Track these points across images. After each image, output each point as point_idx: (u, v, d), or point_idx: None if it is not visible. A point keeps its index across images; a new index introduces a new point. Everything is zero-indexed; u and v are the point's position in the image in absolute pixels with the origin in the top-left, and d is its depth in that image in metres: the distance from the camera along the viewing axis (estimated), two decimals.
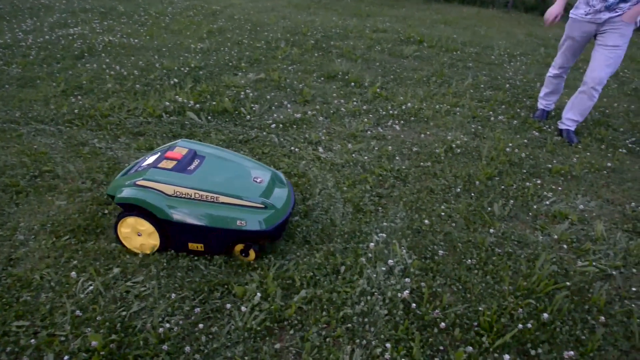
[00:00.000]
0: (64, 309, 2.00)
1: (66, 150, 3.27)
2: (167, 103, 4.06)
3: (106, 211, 2.65)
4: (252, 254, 2.33)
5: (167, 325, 1.96)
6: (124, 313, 2.01)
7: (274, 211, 2.31)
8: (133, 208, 2.28)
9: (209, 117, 3.95)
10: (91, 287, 2.12)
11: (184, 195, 2.24)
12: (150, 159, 2.43)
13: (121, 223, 2.32)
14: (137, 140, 3.49)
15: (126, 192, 2.27)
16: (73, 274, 2.18)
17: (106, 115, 3.81)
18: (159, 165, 2.32)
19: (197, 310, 2.04)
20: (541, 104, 4.59)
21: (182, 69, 5.06)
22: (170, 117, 3.88)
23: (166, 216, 2.24)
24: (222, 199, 2.25)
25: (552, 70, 4.32)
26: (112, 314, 2.00)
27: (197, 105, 4.10)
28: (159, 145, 3.35)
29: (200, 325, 1.96)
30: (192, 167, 2.35)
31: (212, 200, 2.25)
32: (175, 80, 4.69)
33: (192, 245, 2.34)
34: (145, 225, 2.29)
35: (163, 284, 2.18)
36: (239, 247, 2.33)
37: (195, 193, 2.24)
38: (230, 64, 5.43)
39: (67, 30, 6.35)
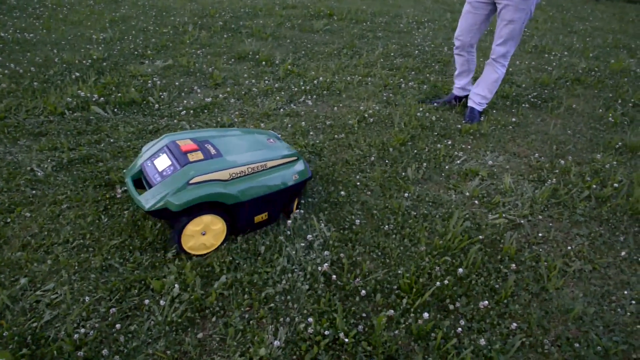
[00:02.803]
0: None
1: None
2: (70, 99, 3.84)
3: (8, 220, 2.49)
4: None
5: (83, 330, 1.87)
6: (34, 324, 1.90)
7: (302, 158, 2.54)
8: (191, 210, 2.16)
9: (116, 110, 3.78)
10: None
11: (239, 174, 2.25)
12: (163, 162, 2.27)
13: (184, 232, 2.19)
14: (38, 141, 3.28)
15: (188, 195, 2.10)
16: None
17: (2, 117, 3.55)
18: (191, 159, 2.21)
19: (114, 310, 1.96)
20: (454, 86, 4.19)
21: (84, 61, 4.80)
22: (74, 114, 3.68)
23: (236, 199, 2.22)
24: (270, 163, 2.35)
25: (454, 41, 3.94)
26: (22, 327, 1.89)
27: (102, 99, 3.90)
28: (62, 145, 3.18)
29: (118, 326, 1.89)
30: (214, 151, 2.31)
31: (263, 168, 2.33)
32: (77, 74, 4.45)
33: (258, 218, 2.37)
34: (209, 219, 2.22)
35: (76, 288, 2.08)
36: (296, 204, 2.52)
37: (247, 168, 2.27)
38: (136, 52, 5.21)
39: None
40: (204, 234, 2.24)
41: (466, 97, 4.11)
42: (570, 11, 9.41)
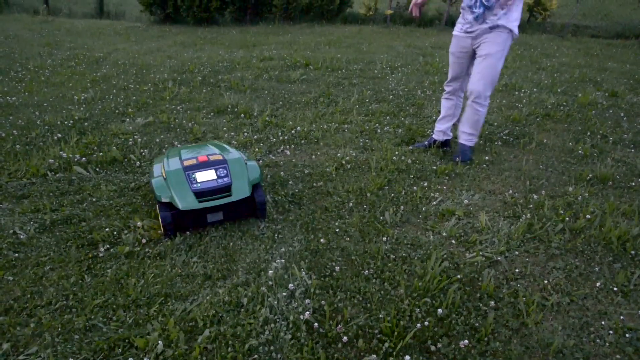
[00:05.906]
0: None
1: None
2: (52, 160, 3.89)
3: None
4: None
5: None
6: None
7: None
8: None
9: (98, 169, 3.83)
10: None
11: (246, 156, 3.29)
12: (206, 174, 2.86)
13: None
14: (21, 204, 3.30)
15: (256, 167, 3.05)
16: None
17: None
18: (221, 158, 2.95)
19: None
20: (434, 130, 4.27)
21: (66, 122, 4.88)
22: (56, 175, 3.72)
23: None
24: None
25: (445, 87, 4.06)
26: None
27: (84, 159, 3.95)
28: (45, 206, 3.20)
29: None
30: (214, 152, 3.09)
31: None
32: (59, 135, 4.51)
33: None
34: None
35: (59, 351, 2.08)
36: None
37: (243, 153, 3.30)
38: (117, 111, 5.30)
39: None
40: None
41: (445, 141, 4.21)
42: (537, 49, 9.77)
